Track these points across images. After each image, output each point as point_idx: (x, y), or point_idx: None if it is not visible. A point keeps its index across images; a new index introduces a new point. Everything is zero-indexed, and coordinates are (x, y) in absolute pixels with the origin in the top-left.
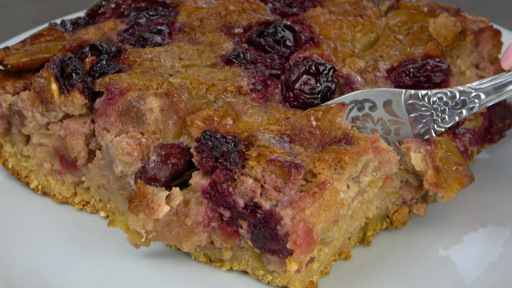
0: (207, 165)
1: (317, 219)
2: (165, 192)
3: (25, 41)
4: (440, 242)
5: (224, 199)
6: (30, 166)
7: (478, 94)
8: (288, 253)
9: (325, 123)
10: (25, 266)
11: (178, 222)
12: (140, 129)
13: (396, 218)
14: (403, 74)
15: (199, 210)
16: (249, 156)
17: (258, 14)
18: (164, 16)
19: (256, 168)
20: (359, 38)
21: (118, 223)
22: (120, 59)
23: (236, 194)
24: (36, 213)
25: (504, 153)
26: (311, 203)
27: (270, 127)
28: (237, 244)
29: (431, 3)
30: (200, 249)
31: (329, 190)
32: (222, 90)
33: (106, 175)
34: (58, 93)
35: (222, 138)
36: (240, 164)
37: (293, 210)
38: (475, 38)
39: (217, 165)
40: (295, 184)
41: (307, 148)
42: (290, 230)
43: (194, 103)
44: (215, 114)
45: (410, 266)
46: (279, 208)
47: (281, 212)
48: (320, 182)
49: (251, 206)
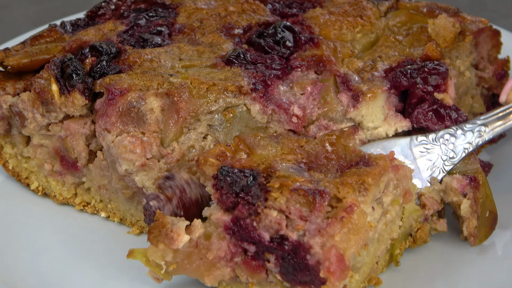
0: (228, 201)
1: (347, 244)
2: (185, 222)
3: (25, 42)
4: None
5: (249, 234)
6: (30, 167)
7: (484, 125)
8: (320, 282)
9: (340, 147)
10: (26, 267)
11: (199, 255)
12: (141, 129)
13: (420, 235)
14: (400, 74)
15: (221, 245)
16: (271, 188)
17: (257, 15)
18: (164, 17)
19: (279, 199)
20: (358, 38)
21: (137, 255)
22: (120, 60)
23: (261, 228)
24: (37, 214)
25: (504, 153)
26: (340, 229)
27: (286, 157)
28: (264, 278)
29: (430, 3)
30: (226, 284)
31: (356, 213)
32: (222, 90)
33: (107, 175)
34: (58, 94)
35: (240, 173)
36: (262, 197)
37: (322, 238)
38: (474, 38)
39: (238, 201)
40: (321, 211)
41: (326, 174)
42: (321, 258)
43: (194, 102)
44: (227, 150)
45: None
46: (307, 237)
47: (310, 241)
48: (346, 206)
49: (278, 239)
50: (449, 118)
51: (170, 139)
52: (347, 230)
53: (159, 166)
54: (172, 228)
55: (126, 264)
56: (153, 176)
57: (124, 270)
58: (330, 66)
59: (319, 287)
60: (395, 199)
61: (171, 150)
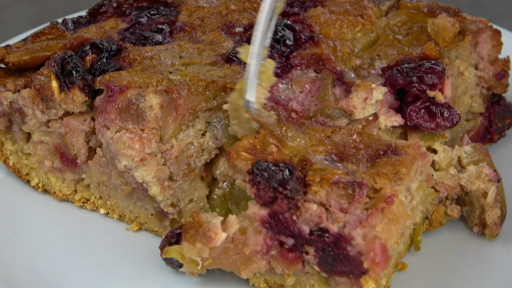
0: (266, 196)
1: (389, 234)
2: (219, 218)
3: (27, 40)
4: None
5: (288, 228)
6: (30, 163)
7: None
8: (361, 272)
9: (365, 136)
10: (26, 263)
11: (236, 250)
12: (140, 126)
13: (435, 217)
14: (396, 72)
15: (258, 240)
16: (311, 182)
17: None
18: (165, 15)
19: (320, 192)
20: (359, 37)
21: (172, 253)
22: (120, 57)
23: (301, 221)
24: (37, 211)
25: (504, 153)
26: (381, 219)
27: (317, 149)
28: (300, 269)
29: (431, 3)
30: (260, 275)
31: (396, 203)
32: (221, 87)
33: (106, 172)
34: (58, 91)
35: (275, 167)
36: (301, 191)
37: (363, 229)
38: (474, 38)
39: (276, 195)
40: (361, 202)
41: (357, 165)
42: (363, 249)
43: (193, 99)
44: (256, 143)
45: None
46: (347, 229)
47: (351, 232)
48: (386, 197)
49: (317, 231)
50: (440, 116)
51: (169, 136)
52: (388, 220)
53: (158, 161)
54: (209, 226)
55: (125, 260)
56: (152, 171)
57: (123, 266)
58: (329, 64)
59: (359, 276)
60: (421, 185)
61: (170, 147)
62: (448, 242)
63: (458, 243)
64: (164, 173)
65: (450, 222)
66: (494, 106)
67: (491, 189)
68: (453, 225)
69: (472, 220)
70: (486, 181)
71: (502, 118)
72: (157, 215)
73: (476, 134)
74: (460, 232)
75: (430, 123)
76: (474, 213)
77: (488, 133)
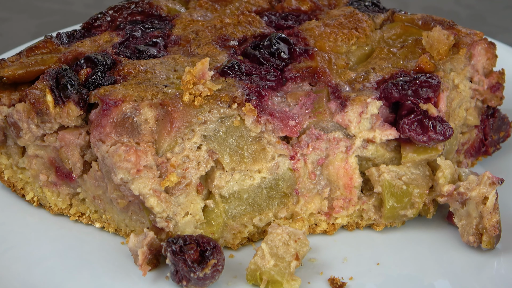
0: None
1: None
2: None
3: (21, 54)
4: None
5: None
6: (25, 178)
7: None
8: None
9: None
10: (21, 278)
11: None
12: (136, 139)
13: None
14: (391, 86)
15: None
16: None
17: (253, 27)
18: (160, 29)
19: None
20: (353, 50)
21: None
22: (115, 71)
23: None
24: (32, 225)
25: (499, 166)
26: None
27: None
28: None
29: (426, 16)
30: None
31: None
32: (216, 100)
33: (102, 186)
34: (53, 105)
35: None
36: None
37: None
38: (469, 51)
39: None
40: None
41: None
42: None
43: (188, 113)
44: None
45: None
46: None
47: None
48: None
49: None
50: (433, 129)
51: (164, 149)
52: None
53: (154, 174)
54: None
55: (121, 274)
56: (149, 183)
57: (119, 280)
58: (324, 77)
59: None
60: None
61: (166, 160)
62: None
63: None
64: (160, 186)
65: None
66: (489, 118)
67: (491, 193)
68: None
69: (468, 231)
70: (487, 184)
71: (497, 131)
72: (153, 229)
73: (471, 147)
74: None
75: (423, 136)
76: (471, 224)
77: (483, 146)
